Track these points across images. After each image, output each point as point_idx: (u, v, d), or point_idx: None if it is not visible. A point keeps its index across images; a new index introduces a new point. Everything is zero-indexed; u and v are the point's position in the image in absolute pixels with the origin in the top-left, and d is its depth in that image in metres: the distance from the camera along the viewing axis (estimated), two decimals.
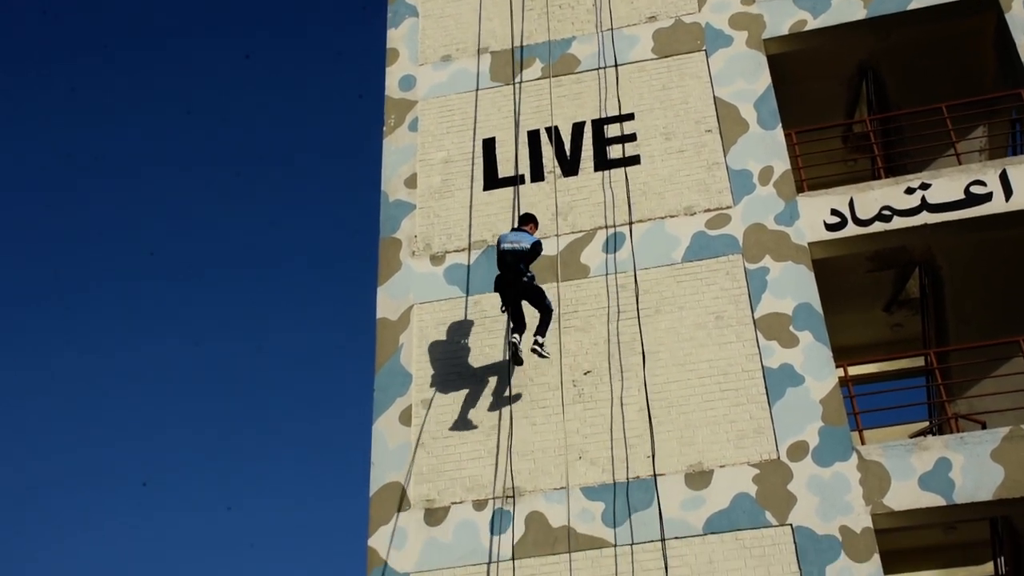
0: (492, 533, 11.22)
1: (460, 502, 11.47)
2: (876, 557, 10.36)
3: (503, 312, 11.99)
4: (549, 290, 12.63)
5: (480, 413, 12.03)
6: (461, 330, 12.65)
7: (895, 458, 10.92)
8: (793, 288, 12.11)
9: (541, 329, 11.68)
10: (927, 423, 15.07)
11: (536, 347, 11.59)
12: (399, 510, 11.55)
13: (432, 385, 12.35)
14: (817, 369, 11.55)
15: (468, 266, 13.10)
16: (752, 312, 12.06)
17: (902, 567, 14.60)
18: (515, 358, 11.72)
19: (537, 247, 11.77)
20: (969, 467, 10.73)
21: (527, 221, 12.28)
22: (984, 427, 11.59)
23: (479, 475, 11.61)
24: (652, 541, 10.84)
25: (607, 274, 12.69)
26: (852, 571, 10.31)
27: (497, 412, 11.95)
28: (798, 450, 11.08)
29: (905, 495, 10.71)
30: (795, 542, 10.58)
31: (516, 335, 11.65)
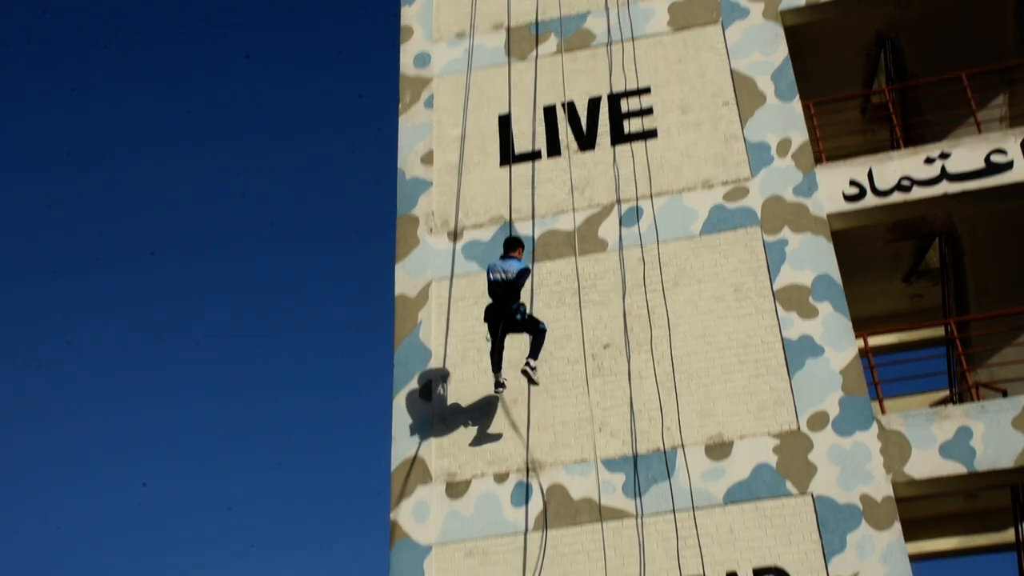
0: (514, 505, 11.30)
1: (481, 475, 11.55)
2: (897, 525, 10.39)
3: (487, 341, 11.78)
4: (567, 264, 12.67)
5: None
6: (480, 305, 12.68)
7: (916, 427, 10.93)
8: (812, 259, 12.10)
9: (534, 352, 11.35)
10: (948, 392, 15.07)
11: (527, 369, 11.27)
12: (421, 484, 11.64)
13: (451, 361, 12.41)
14: (837, 340, 11.55)
15: (486, 242, 13.13)
16: (771, 284, 12.06)
17: (923, 535, 14.65)
18: (498, 386, 11.48)
19: (523, 275, 11.39)
20: (990, 435, 10.73)
21: (513, 247, 11.81)
22: (1005, 395, 11.59)
23: (500, 448, 11.68)
24: (673, 511, 10.90)
25: (625, 248, 12.70)
26: (873, 539, 10.34)
27: (516, 386, 12.00)
28: (818, 420, 11.09)
29: (926, 464, 10.72)
30: (816, 511, 10.62)
31: (498, 374, 11.43)
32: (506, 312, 11.34)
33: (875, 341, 13.81)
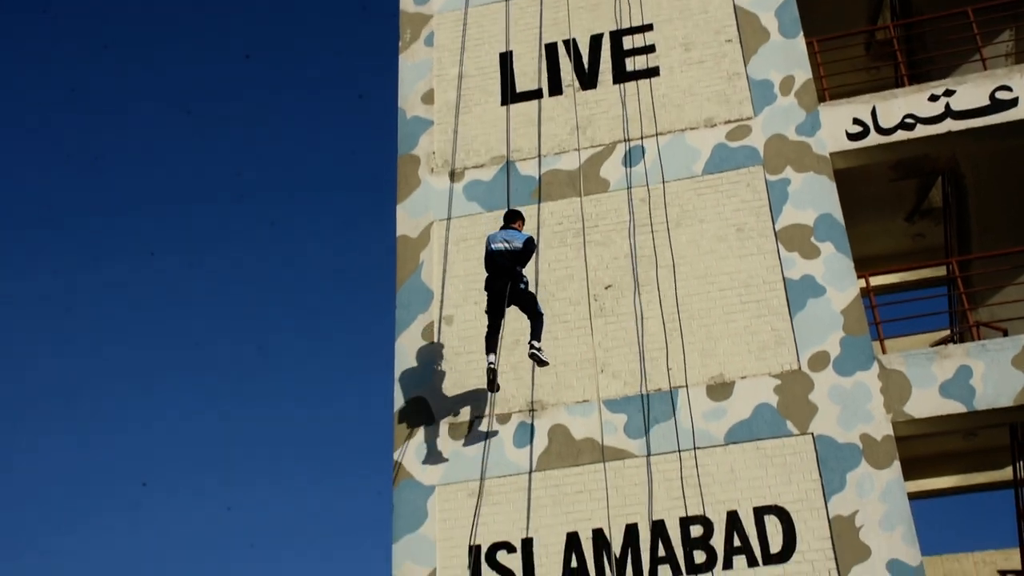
0: (516, 446, 11.38)
1: (483, 416, 11.61)
2: (896, 464, 10.47)
3: (485, 313, 11.37)
4: (570, 204, 12.62)
5: (502, 329, 12.08)
6: (481, 246, 12.66)
7: (916, 367, 10.97)
8: (814, 199, 12.04)
9: (536, 333, 11.04)
10: (948, 332, 15.10)
11: (535, 351, 10.97)
12: (423, 425, 11.71)
13: (453, 301, 12.42)
14: (838, 280, 11.54)
15: (488, 182, 13.07)
16: (773, 224, 12.02)
17: (922, 473, 14.78)
18: (492, 384, 11.09)
19: (530, 244, 11.22)
20: (990, 374, 10.77)
21: (514, 218, 11.59)
22: (1006, 334, 11.60)
23: (502, 389, 11.71)
24: (674, 451, 10.98)
25: (627, 188, 12.64)
26: (872, 478, 10.43)
27: (519, 327, 12.01)
28: (819, 360, 11.13)
29: (926, 403, 10.77)
30: (816, 450, 10.69)
31: (492, 356, 11.05)
32: (510, 281, 11.06)
33: (876, 281, 13.80)
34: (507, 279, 11.10)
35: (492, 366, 11.03)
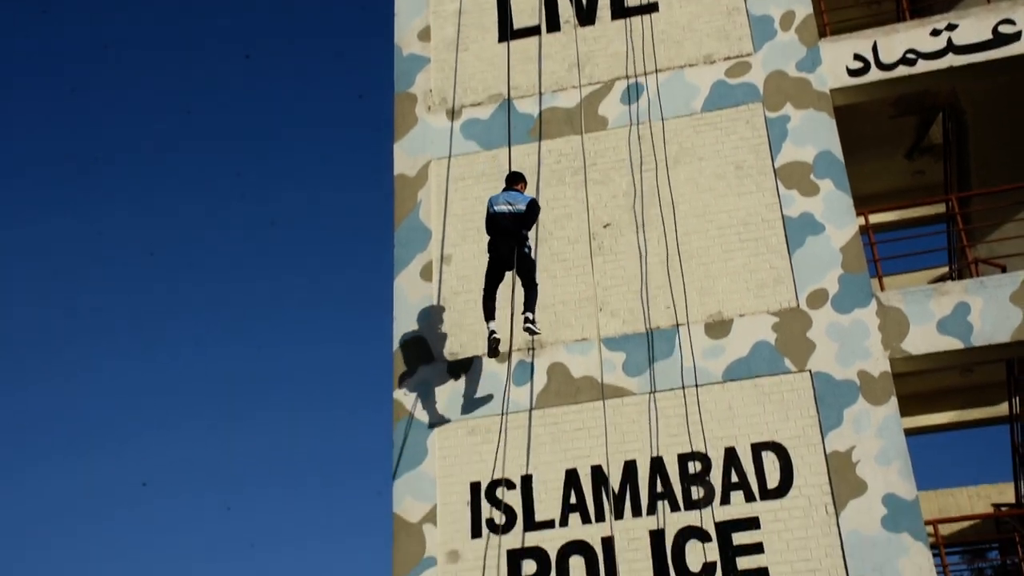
0: (514, 384, 11.43)
1: (482, 354, 11.64)
2: (893, 400, 10.53)
3: (485, 277, 11.13)
4: (568, 142, 12.55)
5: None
6: (480, 185, 12.62)
7: (914, 303, 10.99)
8: (814, 136, 11.97)
9: (530, 304, 10.85)
10: (947, 269, 15.11)
11: (529, 324, 10.76)
12: (423, 363, 11.75)
13: (452, 240, 12.40)
14: (838, 217, 11.51)
15: (485, 120, 12.98)
16: (772, 161, 11.96)
17: (918, 410, 14.87)
18: (494, 352, 10.90)
19: (534, 207, 11.06)
20: (988, 310, 10.80)
21: (516, 180, 11.41)
22: (1004, 271, 11.60)
23: (499, 329, 11.72)
24: (672, 389, 11.03)
25: (626, 125, 12.55)
26: (869, 414, 10.50)
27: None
28: (818, 298, 11.14)
29: (923, 339, 10.81)
30: (813, 387, 10.74)
31: (492, 324, 10.87)
32: (515, 246, 10.86)
33: (876, 219, 13.77)
34: (512, 242, 10.93)
35: (495, 335, 10.84)
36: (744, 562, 10.15)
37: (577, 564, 10.49)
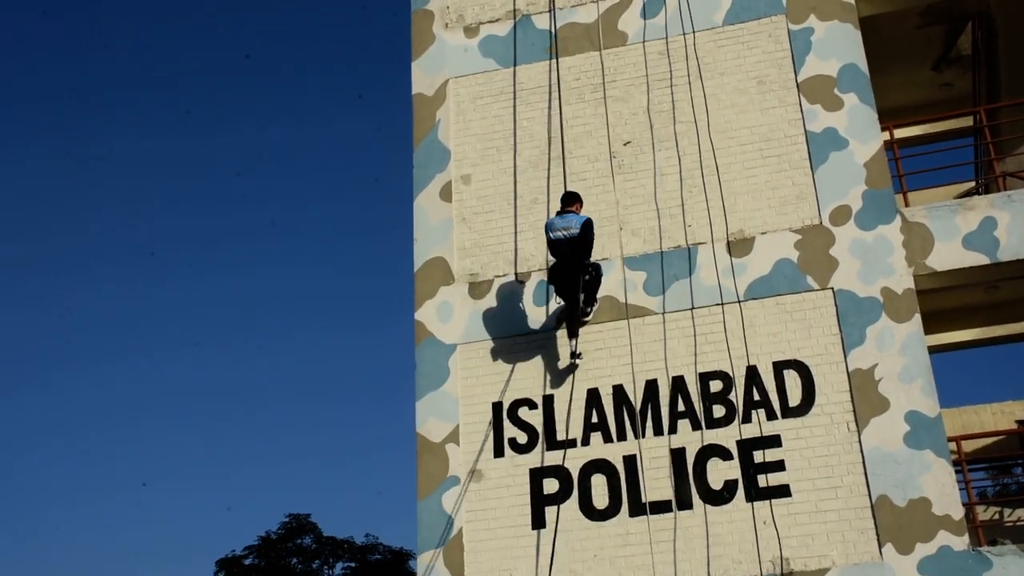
0: (536, 304, 11.40)
1: (504, 275, 11.61)
2: (917, 317, 10.45)
3: (557, 303, 11.09)
4: (587, 59, 12.35)
5: (520, 187, 12.01)
6: (498, 104, 12.47)
7: (939, 219, 10.84)
8: (838, 48, 11.71)
9: (588, 299, 10.84)
10: (973, 184, 14.88)
11: (584, 313, 10.89)
12: (443, 284, 11.73)
13: (471, 160, 12.29)
14: (862, 132, 11.31)
15: (503, 37, 12.76)
16: (795, 75, 11.73)
17: (942, 327, 14.75)
18: (572, 366, 10.88)
19: (588, 228, 10.61)
20: (1015, 225, 10.64)
21: (571, 201, 10.94)
22: None
23: (521, 248, 11.70)
24: (694, 308, 10.98)
25: (645, 41, 12.32)
26: (893, 331, 10.42)
27: (538, 185, 11.92)
28: (841, 214, 11.00)
29: (948, 255, 10.68)
30: (836, 305, 10.67)
31: (573, 342, 10.75)
32: (574, 272, 10.58)
33: (901, 133, 13.51)
34: (575, 272, 10.59)
35: (574, 355, 10.72)
36: (765, 480, 10.19)
37: (599, 482, 10.57)
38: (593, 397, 10.90)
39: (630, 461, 10.56)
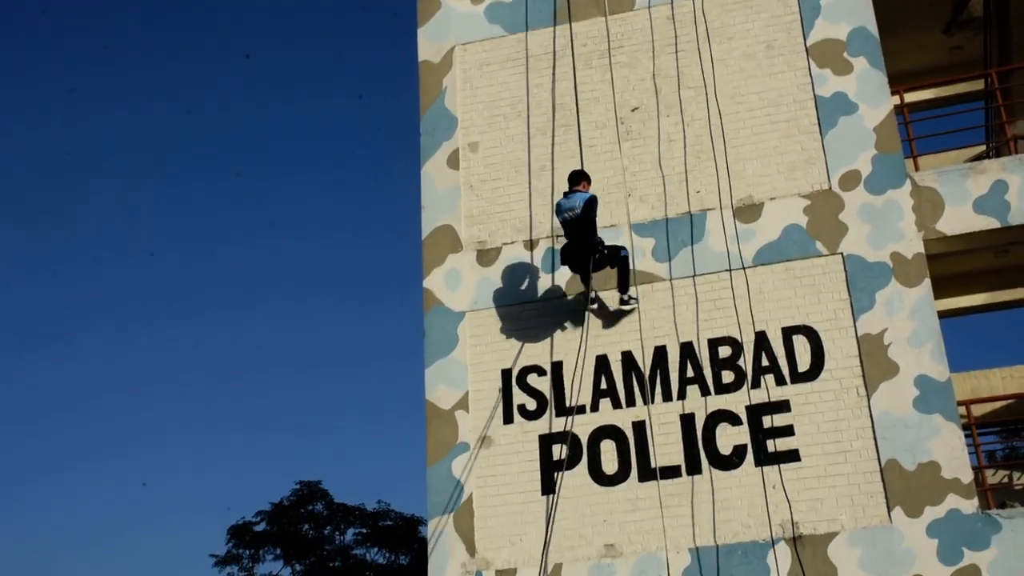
0: (544, 271, 11.40)
1: (511, 242, 11.60)
2: (927, 281, 10.43)
3: (580, 278, 10.82)
4: (594, 24, 12.28)
5: (527, 154, 11.97)
6: (505, 71, 12.41)
7: (950, 183, 10.79)
8: (848, 12, 11.61)
9: (623, 285, 10.69)
10: (984, 147, 14.79)
11: (624, 307, 10.77)
12: (451, 252, 11.73)
13: (478, 127, 12.24)
14: (871, 96, 11.24)
15: (509, 3, 12.67)
16: (804, 39, 11.65)
17: (950, 292, 14.70)
18: (586, 307, 10.79)
19: (589, 205, 10.38)
20: None
21: (577, 180, 10.73)
22: None
23: (529, 216, 11.68)
24: (703, 274, 10.97)
25: (653, 5, 12.23)
26: (902, 296, 10.41)
27: (545, 152, 11.88)
28: (850, 179, 10.95)
29: (959, 219, 10.64)
30: (845, 270, 10.64)
31: (593, 293, 10.73)
32: (584, 251, 10.44)
33: (911, 97, 13.42)
34: (585, 253, 10.45)
35: (583, 295, 10.71)
36: (775, 444, 10.21)
37: (608, 448, 10.61)
38: (602, 363, 10.92)
39: (639, 427, 10.59)
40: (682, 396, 10.62)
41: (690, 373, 10.68)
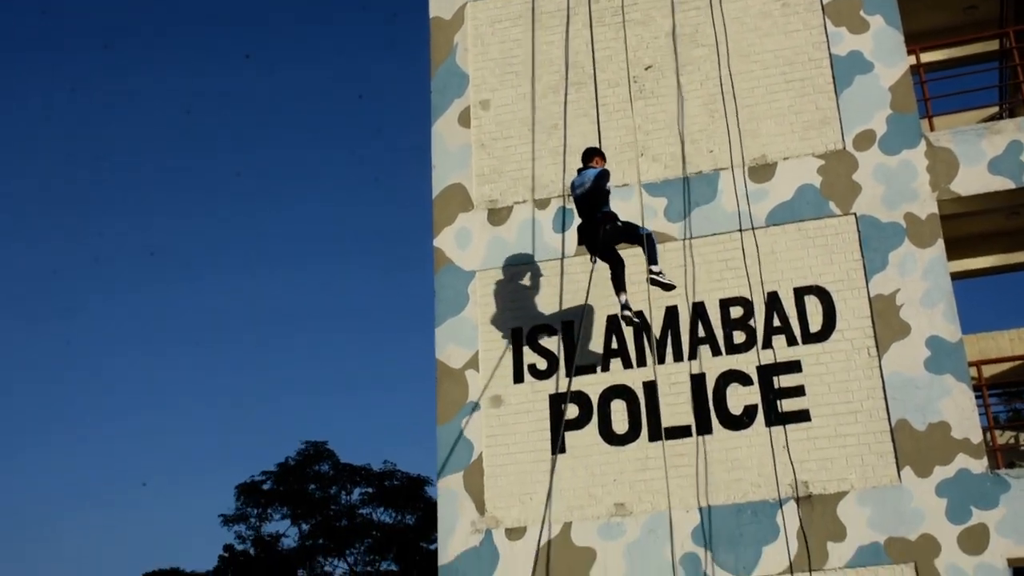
0: (555, 231, 11.36)
1: (523, 201, 11.56)
2: (940, 242, 10.38)
3: (592, 263, 10.38)
4: None
5: (540, 112, 11.89)
6: (517, 28, 12.30)
7: (965, 143, 10.71)
8: None
9: (652, 257, 10.02)
10: (998, 109, 14.67)
11: (653, 276, 9.97)
12: (462, 211, 11.68)
13: (490, 85, 12.16)
14: (887, 55, 11.14)
15: None
16: None
17: (961, 254, 14.65)
18: (629, 321, 10.08)
19: (599, 180, 9.95)
20: None
21: (590, 156, 10.33)
22: None
23: (541, 175, 11.63)
24: (715, 234, 10.93)
25: None
26: (915, 257, 10.36)
27: (557, 111, 11.80)
28: (865, 139, 10.88)
29: (973, 180, 10.57)
30: (858, 230, 10.60)
31: (623, 296, 10.04)
32: (599, 228, 9.95)
33: (927, 57, 13.28)
34: (596, 227, 9.97)
35: (625, 312, 9.98)
36: (785, 404, 10.22)
37: (619, 408, 10.62)
38: (613, 323, 10.91)
39: (650, 387, 10.60)
40: (693, 356, 10.61)
41: (701, 333, 10.67)
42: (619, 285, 10.13)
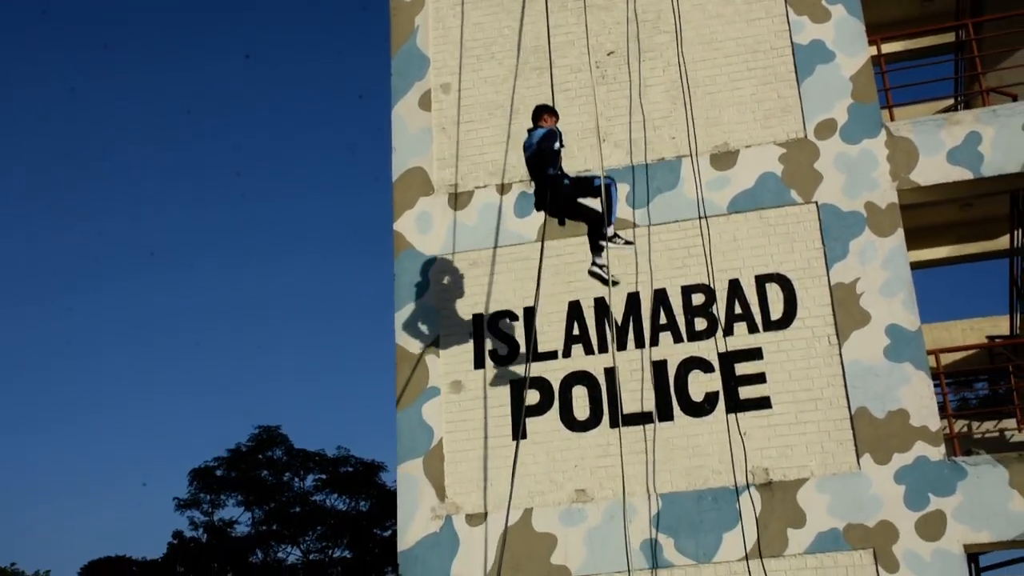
0: (517, 216, 11.28)
1: (484, 186, 11.47)
2: (900, 232, 10.45)
3: (560, 224, 9.79)
4: None
5: (500, 97, 11.80)
6: (479, 10, 12.18)
7: (925, 133, 10.78)
8: None
9: (595, 247, 9.46)
10: (953, 100, 14.82)
11: (595, 269, 9.50)
12: (423, 195, 11.57)
13: (450, 68, 12.04)
14: (849, 44, 11.18)
15: None
16: None
17: (917, 244, 14.81)
18: (604, 281, 9.57)
19: (546, 140, 9.24)
20: (999, 140, 10.61)
21: (539, 115, 9.59)
22: (1015, 100, 11.36)
23: (502, 159, 11.54)
24: (677, 221, 10.92)
25: None
26: (875, 245, 10.43)
27: (519, 95, 11.71)
28: (826, 128, 10.92)
29: (933, 170, 10.65)
30: (819, 219, 10.64)
31: (597, 258, 9.48)
32: (548, 191, 9.29)
33: (887, 48, 13.36)
34: (546, 190, 9.32)
35: (593, 265, 9.55)
36: (746, 392, 10.25)
37: (580, 394, 10.59)
38: (575, 309, 10.87)
39: (611, 373, 10.57)
40: (655, 343, 10.61)
41: (663, 320, 10.66)
42: (592, 245, 9.53)
